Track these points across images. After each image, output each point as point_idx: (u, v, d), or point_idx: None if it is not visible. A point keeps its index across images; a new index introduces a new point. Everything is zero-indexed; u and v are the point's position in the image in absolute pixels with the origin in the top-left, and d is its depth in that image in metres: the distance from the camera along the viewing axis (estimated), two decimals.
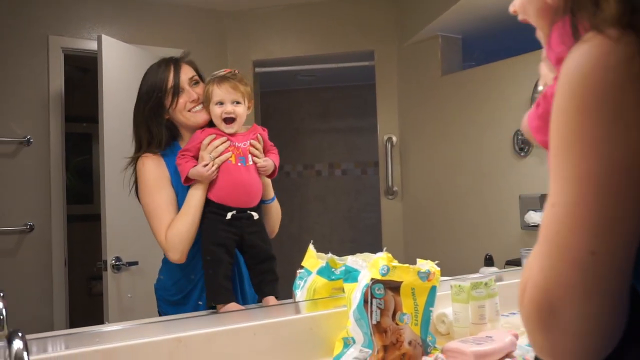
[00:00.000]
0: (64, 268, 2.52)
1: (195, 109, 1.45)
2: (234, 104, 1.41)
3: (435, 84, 2.86)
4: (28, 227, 2.45)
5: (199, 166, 1.37)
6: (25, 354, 0.76)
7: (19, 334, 0.77)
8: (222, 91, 1.40)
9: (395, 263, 1.13)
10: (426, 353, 1.13)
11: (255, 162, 1.42)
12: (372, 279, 1.10)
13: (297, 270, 1.43)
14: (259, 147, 1.44)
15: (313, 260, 1.41)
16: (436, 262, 1.19)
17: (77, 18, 2.62)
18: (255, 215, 1.41)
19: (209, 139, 1.40)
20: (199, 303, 1.44)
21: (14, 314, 1.04)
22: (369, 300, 1.09)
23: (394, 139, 3.00)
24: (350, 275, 1.18)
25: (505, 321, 1.38)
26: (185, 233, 1.37)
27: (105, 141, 2.20)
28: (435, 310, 1.19)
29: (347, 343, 1.14)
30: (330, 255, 1.38)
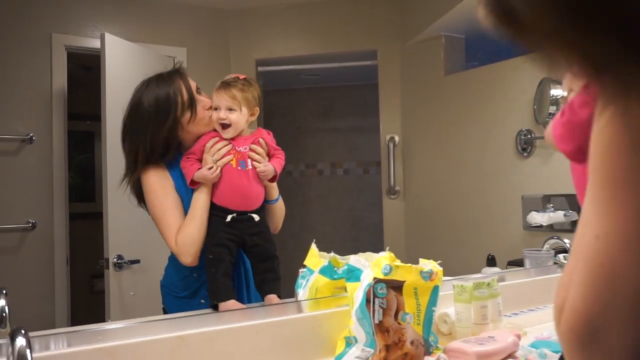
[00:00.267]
0: (66, 266, 2.53)
1: (208, 115, 1.44)
2: (229, 110, 1.41)
3: (438, 84, 2.85)
4: (30, 225, 2.46)
5: (203, 169, 1.39)
6: (28, 351, 0.76)
7: (22, 332, 0.78)
8: (218, 98, 1.42)
9: (398, 262, 1.13)
10: (428, 353, 1.13)
11: (254, 167, 1.42)
12: (375, 278, 1.10)
13: (300, 269, 1.43)
14: (260, 152, 1.44)
15: (315, 259, 1.41)
16: (439, 262, 1.19)
17: (80, 16, 2.62)
18: (256, 217, 1.42)
19: (211, 142, 1.41)
20: (201, 302, 1.44)
21: (16, 312, 1.04)
22: (372, 300, 1.09)
23: (397, 138, 3.00)
24: (353, 274, 1.19)
25: (508, 321, 1.38)
26: (195, 236, 1.38)
27: (107, 139, 2.20)
28: (437, 310, 1.18)
29: (349, 342, 1.14)
30: (332, 254, 1.39)
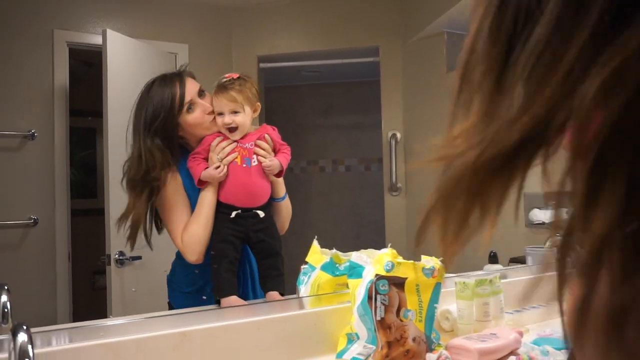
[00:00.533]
0: (67, 262, 2.53)
1: (212, 120, 1.43)
2: (233, 114, 1.40)
3: (440, 81, 2.84)
4: (32, 221, 2.46)
5: (210, 168, 1.39)
6: (29, 347, 0.76)
7: (24, 327, 0.78)
8: (219, 103, 1.40)
9: (400, 259, 1.13)
10: (430, 350, 1.13)
11: (260, 162, 1.41)
12: (377, 275, 1.10)
13: (301, 266, 1.43)
14: (266, 147, 1.43)
15: (317, 255, 1.41)
16: (440, 259, 1.18)
17: (82, 12, 2.61)
18: (261, 213, 1.42)
19: (216, 141, 1.41)
20: (203, 298, 1.44)
21: (18, 308, 1.04)
22: (373, 296, 1.09)
23: (398, 135, 3.00)
24: (355, 271, 1.18)
25: (510, 318, 1.38)
26: (200, 234, 1.39)
27: (109, 136, 2.20)
28: (439, 306, 1.18)
29: (351, 339, 1.14)
30: (334, 250, 1.39)
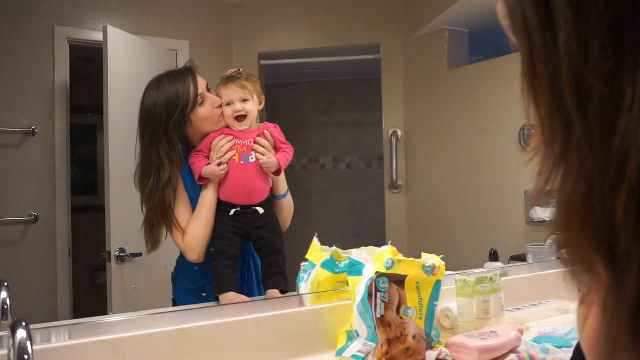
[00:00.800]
0: (68, 259, 2.53)
1: (221, 113, 1.44)
2: (243, 102, 1.42)
3: (442, 78, 2.84)
4: (33, 218, 2.46)
5: (212, 165, 1.39)
6: (28, 343, 0.76)
7: (23, 324, 0.77)
8: (230, 91, 1.42)
9: (400, 257, 1.13)
10: (430, 347, 1.12)
11: (257, 159, 1.41)
12: (377, 272, 1.10)
13: (301, 263, 1.43)
14: (265, 144, 1.42)
15: (317, 253, 1.41)
16: (441, 257, 1.18)
17: (83, 8, 2.61)
18: (260, 210, 1.41)
19: (217, 140, 1.41)
20: (203, 295, 1.44)
21: (18, 304, 1.04)
22: (374, 294, 1.09)
23: (399, 133, 2.99)
24: (355, 268, 1.18)
25: (510, 316, 1.38)
26: (201, 234, 1.39)
27: (110, 132, 2.20)
28: (439, 304, 1.18)
29: (351, 336, 1.14)
30: (334, 248, 1.38)
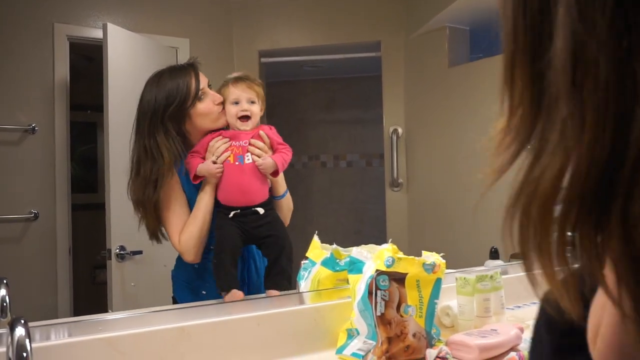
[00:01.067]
0: (68, 256, 2.53)
1: (221, 111, 1.44)
2: (250, 103, 1.43)
3: (442, 76, 2.83)
4: (33, 215, 2.45)
5: (207, 162, 1.38)
6: (27, 341, 0.76)
7: (22, 321, 0.77)
8: (239, 90, 1.43)
9: (401, 255, 1.13)
10: (430, 345, 1.12)
11: (253, 160, 1.40)
12: (377, 270, 1.10)
13: (302, 261, 1.43)
14: (261, 146, 1.41)
15: (317, 251, 1.41)
16: (441, 255, 1.18)
17: (83, 6, 2.60)
18: (260, 210, 1.40)
19: (213, 142, 1.41)
20: (203, 293, 1.44)
21: (18, 302, 1.04)
22: (374, 292, 1.08)
23: (400, 130, 2.99)
24: (355, 266, 1.18)
25: (511, 314, 1.38)
26: (197, 235, 1.39)
27: (110, 130, 2.19)
28: (440, 302, 1.18)
29: (351, 334, 1.14)
30: (334, 246, 1.38)
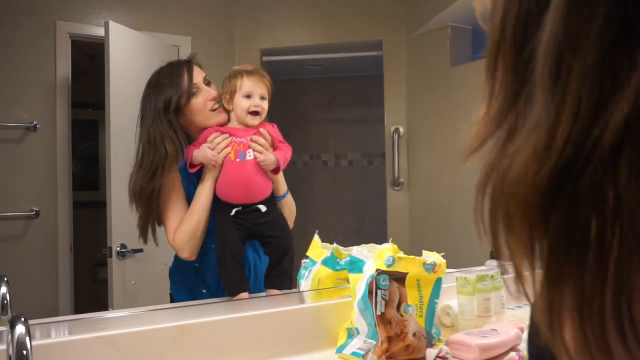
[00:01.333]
0: (69, 254, 2.53)
1: (215, 107, 1.43)
2: (261, 98, 1.40)
3: (444, 75, 2.83)
4: (34, 213, 2.46)
5: (204, 147, 1.36)
6: (27, 338, 0.76)
7: (22, 319, 0.77)
8: (252, 83, 1.39)
9: (401, 254, 1.12)
10: (431, 345, 1.12)
11: (255, 157, 1.39)
12: (377, 269, 1.10)
13: (302, 260, 1.43)
14: (262, 142, 1.40)
15: (318, 250, 1.41)
16: (442, 254, 1.18)
17: (85, 3, 2.60)
18: (262, 208, 1.39)
19: (212, 137, 1.39)
20: (203, 291, 1.44)
21: (19, 300, 1.04)
22: (374, 291, 1.08)
23: (401, 129, 2.99)
24: (355, 265, 1.18)
25: (511, 314, 1.38)
26: (192, 232, 1.38)
27: (111, 128, 2.20)
28: (440, 302, 1.18)
29: (351, 334, 1.14)
30: (335, 245, 1.38)
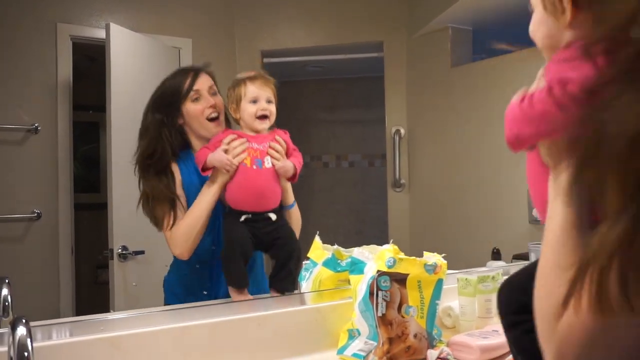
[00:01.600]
0: (70, 256, 2.53)
1: (212, 116, 1.43)
2: (268, 102, 1.39)
3: (445, 76, 2.83)
4: (35, 215, 2.46)
5: (218, 151, 1.33)
6: (28, 340, 0.76)
7: (23, 321, 0.77)
8: (257, 87, 1.38)
9: (402, 255, 1.13)
10: (432, 346, 1.12)
11: (273, 165, 1.36)
12: (378, 271, 1.10)
13: (303, 262, 1.43)
14: (280, 150, 1.38)
15: (319, 251, 1.41)
16: (443, 255, 1.18)
17: (86, 6, 2.61)
18: (273, 216, 1.37)
19: (228, 139, 1.35)
20: (204, 293, 1.44)
21: (21, 302, 1.04)
22: (375, 293, 1.08)
23: (402, 131, 2.99)
24: (356, 267, 1.18)
25: None
26: (187, 231, 1.36)
27: (112, 130, 2.20)
28: (441, 303, 1.18)
29: (352, 335, 1.14)
30: (336, 246, 1.38)
